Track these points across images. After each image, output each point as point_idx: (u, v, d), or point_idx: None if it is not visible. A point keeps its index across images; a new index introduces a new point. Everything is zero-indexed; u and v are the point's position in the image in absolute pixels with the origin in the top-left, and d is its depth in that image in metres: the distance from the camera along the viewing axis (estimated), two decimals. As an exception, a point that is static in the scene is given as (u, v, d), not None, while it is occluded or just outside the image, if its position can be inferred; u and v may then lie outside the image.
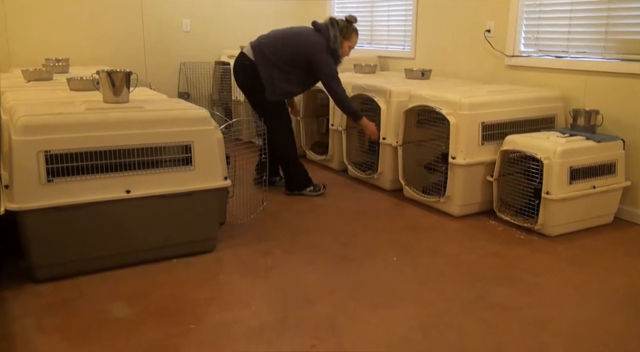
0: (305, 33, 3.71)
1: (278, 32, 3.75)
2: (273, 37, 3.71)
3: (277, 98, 3.71)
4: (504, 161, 3.38)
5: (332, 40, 3.67)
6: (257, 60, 3.65)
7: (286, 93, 3.76)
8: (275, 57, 3.63)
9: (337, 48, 3.70)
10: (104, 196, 2.54)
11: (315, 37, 3.68)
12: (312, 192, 3.91)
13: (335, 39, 3.68)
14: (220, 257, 2.87)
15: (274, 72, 3.64)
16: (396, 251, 2.99)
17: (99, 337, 2.13)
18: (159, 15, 5.67)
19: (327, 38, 3.67)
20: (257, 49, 3.67)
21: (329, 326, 2.23)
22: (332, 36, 3.67)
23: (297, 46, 3.66)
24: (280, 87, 3.69)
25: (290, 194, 3.91)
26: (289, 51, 3.64)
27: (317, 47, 3.64)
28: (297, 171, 3.89)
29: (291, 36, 3.70)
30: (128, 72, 2.84)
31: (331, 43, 3.67)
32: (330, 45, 3.67)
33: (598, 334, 2.21)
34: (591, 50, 3.67)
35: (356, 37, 3.82)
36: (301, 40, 3.67)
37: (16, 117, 2.45)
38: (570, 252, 3.01)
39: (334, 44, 3.68)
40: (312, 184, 3.93)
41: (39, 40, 5.13)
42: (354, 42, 3.82)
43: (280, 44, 3.66)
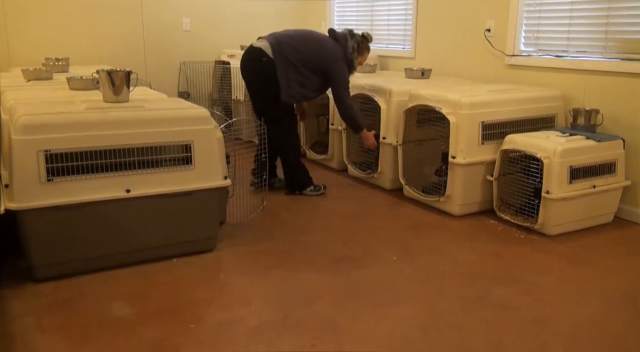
0: (325, 40, 3.71)
1: (296, 33, 3.71)
2: (293, 38, 3.66)
3: (289, 100, 3.67)
4: (504, 161, 3.38)
5: (350, 51, 3.70)
6: (277, 58, 3.58)
7: (300, 96, 3.71)
8: (295, 59, 3.59)
9: (354, 59, 3.74)
10: (103, 196, 2.54)
11: (334, 45, 3.69)
12: (313, 191, 3.90)
13: (353, 50, 3.71)
14: (220, 257, 2.87)
15: (291, 73, 3.60)
16: (396, 251, 2.99)
17: (99, 336, 2.13)
18: (159, 14, 5.67)
19: (344, 48, 3.69)
20: (276, 47, 3.60)
21: (329, 325, 2.24)
22: (350, 47, 3.70)
23: (316, 51, 3.64)
24: (295, 90, 3.64)
25: (290, 193, 3.90)
26: (309, 55, 3.62)
27: (335, 55, 3.66)
28: (298, 171, 3.87)
29: (312, 40, 3.69)
30: (128, 72, 2.84)
31: (348, 54, 3.70)
32: (348, 56, 3.70)
33: (598, 334, 2.21)
34: (591, 49, 3.67)
35: (367, 55, 3.86)
36: (321, 46, 3.66)
37: (16, 116, 2.45)
38: (570, 251, 3.01)
39: (351, 55, 3.71)
40: (312, 184, 3.92)
41: (39, 39, 5.13)
42: (365, 59, 3.87)
43: (301, 46, 3.63)
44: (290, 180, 3.89)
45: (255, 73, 3.68)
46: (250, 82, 3.75)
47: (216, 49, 6.00)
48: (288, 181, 3.90)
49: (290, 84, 3.61)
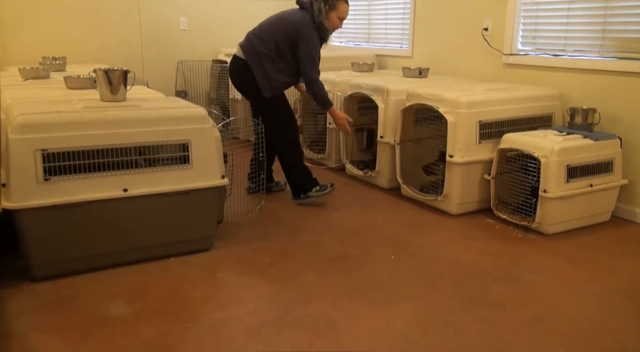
0: (288, 13, 3.52)
1: (265, 21, 3.57)
2: (258, 28, 3.54)
3: (274, 93, 3.51)
4: (502, 160, 3.39)
5: (316, 14, 3.44)
6: (249, 57, 3.47)
7: (282, 85, 3.55)
8: (264, 47, 3.44)
9: (323, 20, 3.45)
10: (101, 195, 2.54)
11: (299, 14, 3.47)
12: (319, 192, 3.66)
13: (320, 11, 3.44)
14: (217, 256, 2.87)
15: (266, 65, 3.45)
16: (394, 250, 2.99)
17: (96, 335, 2.13)
18: (156, 13, 5.66)
19: (311, 13, 3.45)
20: (246, 46, 3.50)
21: (327, 324, 2.24)
22: (315, 9, 3.44)
23: (281, 28, 3.44)
24: (276, 80, 3.48)
25: (297, 200, 3.68)
26: (275, 36, 3.44)
27: (300, 23, 3.42)
28: (302, 174, 3.66)
29: (275, 20, 3.51)
30: (125, 71, 2.84)
31: (315, 17, 3.44)
32: (315, 19, 3.44)
33: (595, 332, 2.21)
34: (588, 48, 3.67)
35: (345, 6, 3.54)
36: (285, 21, 3.47)
37: (13, 115, 2.44)
38: (567, 250, 3.02)
39: (318, 17, 3.44)
40: (317, 184, 3.70)
41: (36, 38, 5.12)
42: (343, 11, 3.54)
43: (266, 31, 3.48)
44: (293, 185, 3.69)
45: (236, 79, 3.62)
46: (237, 88, 3.69)
47: (213, 48, 5.99)
48: (292, 186, 3.70)
49: (270, 75, 3.46)
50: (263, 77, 3.46)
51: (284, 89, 3.63)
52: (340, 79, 4.40)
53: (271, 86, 3.49)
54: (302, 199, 3.66)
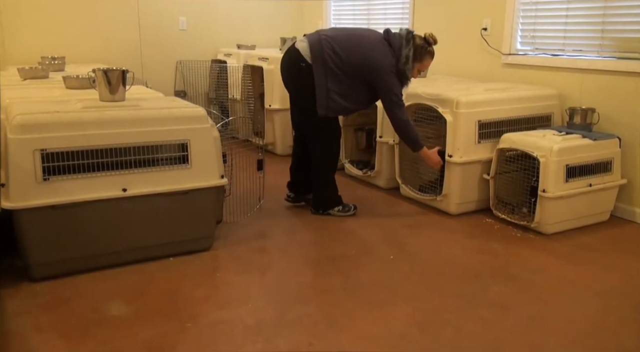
0: (375, 45, 3.16)
1: (343, 34, 3.20)
2: (337, 40, 3.15)
3: (328, 114, 3.21)
4: (501, 159, 3.39)
5: (403, 61, 3.16)
6: (315, 65, 3.13)
7: (341, 109, 3.24)
8: (336, 66, 3.12)
9: (407, 71, 3.19)
10: (100, 195, 2.54)
11: (383, 51, 3.14)
12: (341, 212, 3.46)
13: (407, 60, 3.16)
14: (217, 256, 2.87)
15: (331, 83, 3.13)
16: (393, 249, 2.99)
17: (95, 335, 2.12)
18: (155, 13, 5.66)
19: (397, 56, 3.16)
20: (317, 50, 3.14)
21: (326, 323, 2.24)
22: (403, 56, 3.15)
23: (362, 58, 3.13)
24: (335, 102, 3.18)
25: (315, 213, 3.51)
26: (353, 61, 3.13)
27: (382, 65, 3.12)
28: (331, 190, 3.48)
29: (358, 44, 3.16)
30: (124, 70, 2.84)
31: (400, 64, 3.16)
32: (400, 66, 3.16)
33: (594, 331, 2.21)
34: (587, 48, 3.68)
35: (430, 61, 3.30)
36: (368, 52, 3.14)
37: (12, 115, 2.44)
38: (566, 250, 3.02)
39: (404, 66, 3.16)
40: (341, 203, 3.49)
41: (35, 38, 5.12)
42: (426, 66, 3.32)
43: (345, 50, 3.13)
44: (317, 197, 3.49)
45: (292, 79, 3.30)
46: (288, 87, 3.37)
47: (212, 48, 5.99)
48: (315, 198, 3.50)
49: (330, 95, 3.15)
50: (323, 92, 3.16)
51: (342, 114, 3.38)
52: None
53: (327, 105, 3.19)
54: (320, 214, 3.50)
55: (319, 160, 3.41)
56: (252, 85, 5.26)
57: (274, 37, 6.20)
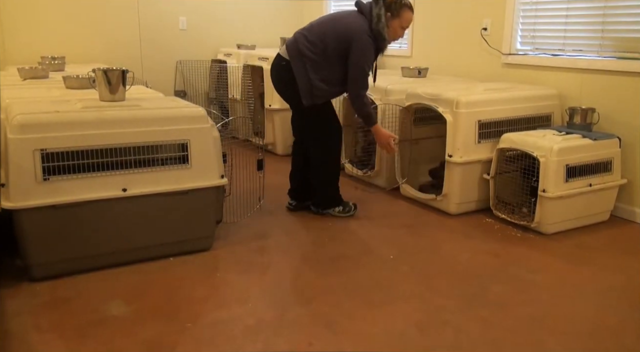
0: (344, 16, 3.15)
1: (315, 20, 3.22)
2: (308, 28, 3.18)
3: (315, 101, 3.17)
4: (501, 159, 3.39)
5: (375, 21, 3.05)
6: (292, 59, 3.13)
7: (325, 95, 3.19)
8: (310, 50, 3.09)
9: (381, 29, 3.06)
10: (100, 195, 2.54)
11: (356, 19, 3.09)
12: (342, 213, 3.43)
13: (379, 18, 3.05)
14: (217, 256, 2.87)
15: (310, 70, 3.11)
16: (393, 249, 2.99)
17: (95, 335, 2.12)
18: (155, 13, 5.66)
19: (369, 19, 3.07)
20: (291, 46, 3.16)
21: (326, 323, 2.24)
22: (374, 16, 3.05)
23: (332, 31, 3.08)
24: (319, 89, 3.13)
25: (316, 212, 3.48)
26: (324, 39, 3.08)
27: (355, 31, 3.04)
28: (333, 190, 3.44)
29: (327, 21, 3.16)
30: (124, 70, 2.84)
31: (373, 24, 3.05)
32: (373, 26, 3.06)
33: (594, 331, 2.21)
34: (587, 48, 3.68)
35: (410, 14, 3.16)
36: (337, 24, 3.10)
37: (12, 115, 2.44)
38: (566, 249, 3.02)
39: (377, 26, 3.05)
40: (341, 203, 3.45)
41: (35, 38, 5.12)
42: (407, 20, 3.16)
43: (316, 33, 3.11)
44: (318, 196, 3.45)
45: (277, 82, 3.30)
46: (278, 92, 3.36)
47: (212, 48, 5.99)
48: (316, 197, 3.45)
49: (313, 83, 3.12)
50: (305, 83, 3.13)
51: (328, 99, 3.27)
52: None
53: (312, 94, 3.16)
54: (320, 213, 3.48)
55: (318, 159, 3.36)
56: (252, 85, 5.26)
57: (274, 37, 6.20)
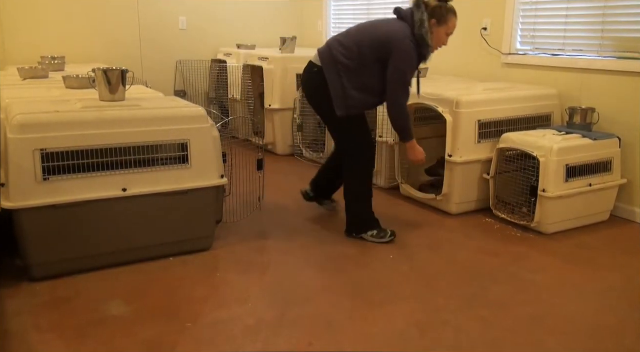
0: (383, 22, 2.96)
1: (353, 28, 3.01)
2: (344, 34, 2.99)
3: (349, 112, 2.94)
4: (501, 159, 3.39)
5: (418, 26, 2.84)
6: (325, 65, 2.93)
7: (361, 105, 2.96)
8: (345, 56, 2.89)
9: (425, 34, 2.85)
10: (100, 195, 2.54)
11: (397, 25, 2.89)
12: (375, 238, 3.07)
13: (422, 22, 2.85)
14: (217, 256, 2.87)
15: (345, 78, 2.90)
16: (393, 249, 2.99)
17: (95, 335, 2.12)
18: (155, 13, 5.65)
19: (411, 25, 2.86)
20: (324, 52, 2.97)
21: (326, 323, 2.24)
22: (417, 21, 2.85)
23: (371, 37, 2.88)
24: (354, 99, 2.91)
25: (349, 236, 3.14)
26: (362, 45, 2.88)
27: (397, 36, 2.83)
28: (364, 209, 3.12)
29: (366, 28, 2.95)
30: (124, 70, 2.84)
31: (416, 29, 2.85)
32: (416, 31, 2.85)
33: (594, 331, 2.21)
34: (587, 48, 3.68)
35: (455, 20, 2.96)
36: (377, 30, 2.90)
37: (12, 115, 2.44)
38: (566, 249, 3.02)
39: (420, 30, 2.84)
40: (377, 227, 3.10)
41: (35, 38, 5.12)
42: (453, 26, 2.97)
43: (353, 39, 2.91)
44: (351, 217, 3.13)
45: (308, 90, 3.10)
46: (310, 102, 3.16)
47: (212, 48, 5.99)
48: (349, 219, 3.14)
49: (347, 92, 2.90)
50: (339, 91, 2.91)
51: (363, 110, 3.03)
52: None
53: (347, 105, 2.93)
54: (354, 238, 3.14)
55: (350, 175, 3.11)
56: (252, 85, 5.27)
57: (274, 37, 6.20)
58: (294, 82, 4.91)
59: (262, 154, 3.52)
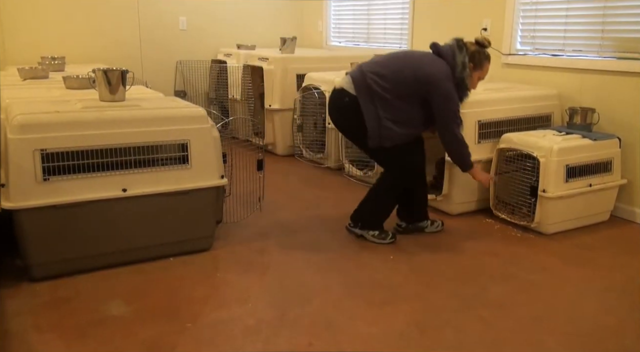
0: (423, 58, 2.92)
1: (387, 57, 2.97)
2: (381, 63, 2.92)
3: (382, 144, 2.90)
4: (501, 159, 3.39)
5: (459, 68, 2.86)
6: (360, 94, 2.87)
7: (396, 137, 2.89)
8: (381, 87, 2.83)
9: (465, 77, 2.88)
10: (100, 195, 2.54)
11: (436, 61, 2.88)
12: (376, 238, 3.08)
13: (464, 66, 2.87)
14: (217, 256, 2.87)
15: (381, 110, 2.84)
16: (393, 249, 2.99)
17: (95, 335, 2.13)
18: (155, 13, 5.66)
19: (452, 65, 2.87)
20: (359, 80, 2.89)
21: (326, 323, 2.24)
22: (459, 63, 2.86)
23: (412, 76, 2.84)
24: (389, 129, 2.86)
25: (349, 228, 3.15)
26: (401, 80, 2.84)
27: (438, 75, 2.83)
28: (377, 212, 3.10)
29: (404, 62, 2.91)
30: (124, 71, 2.84)
31: (457, 71, 2.86)
32: (457, 73, 2.87)
33: (594, 331, 2.21)
34: (587, 48, 3.68)
35: (489, 65, 3.00)
36: (418, 69, 2.85)
37: (12, 115, 2.44)
38: (566, 250, 3.02)
39: (461, 73, 2.87)
40: (379, 228, 3.11)
41: (35, 38, 5.12)
42: (486, 72, 3.01)
43: (391, 71, 2.86)
44: (362, 211, 3.11)
45: (340, 119, 3.04)
46: (341, 130, 3.15)
47: (213, 48, 5.99)
48: (360, 211, 3.12)
49: (383, 123, 2.85)
50: (374, 121, 2.86)
51: (396, 142, 2.92)
52: (340, 79, 4.38)
53: (380, 135, 2.88)
54: (352, 229, 3.14)
55: (387, 181, 3.06)
56: (252, 86, 5.27)
57: (274, 37, 6.20)
58: (294, 82, 4.92)
59: (262, 154, 3.52)
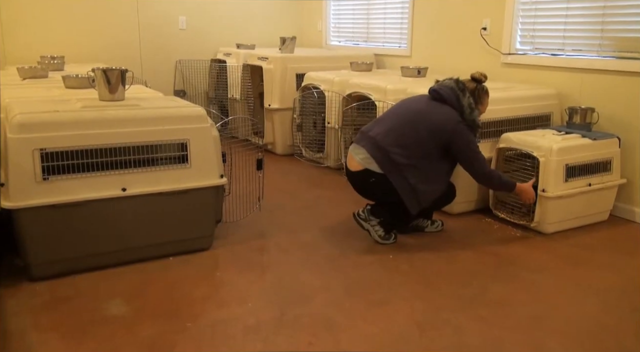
0: (428, 109, 2.95)
1: (390, 123, 2.98)
2: (396, 131, 2.92)
3: (423, 206, 2.98)
4: (500, 159, 3.39)
5: (468, 112, 2.91)
6: (386, 169, 2.88)
7: (432, 193, 2.96)
8: (406, 157, 2.87)
9: (475, 117, 2.93)
10: (99, 194, 2.54)
11: (445, 111, 2.91)
12: (380, 237, 3.08)
13: (472, 108, 2.92)
14: (216, 255, 2.87)
15: (411, 176, 2.87)
16: (392, 249, 2.99)
17: (95, 335, 2.12)
18: (154, 12, 5.65)
19: (459, 110, 2.92)
20: (381, 157, 2.90)
21: (326, 323, 2.24)
22: (466, 107, 2.91)
23: (425, 130, 2.87)
24: (424, 193, 2.92)
25: (357, 217, 3.12)
26: (421, 140, 2.87)
27: (450, 123, 2.87)
28: (398, 217, 3.05)
29: (411, 119, 2.93)
30: (124, 70, 2.84)
31: (466, 114, 2.91)
32: (466, 116, 2.91)
33: (594, 331, 2.22)
34: (587, 48, 3.68)
35: (487, 99, 3.08)
36: (428, 122, 2.89)
37: (11, 115, 2.44)
38: (566, 249, 3.02)
39: (471, 116, 2.91)
40: (388, 232, 3.10)
41: (34, 37, 5.11)
42: (486, 105, 3.09)
43: (409, 136, 2.89)
44: (381, 208, 3.08)
45: (370, 196, 3.11)
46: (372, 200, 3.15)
47: (212, 48, 5.99)
48: (377, 206, 3.10)
49: (417, 188, 2.89)
50: (408, 191, 2.90)
51: (436, 197, 3.01)
52: (339, 78, 4.40)
53: (419, 200, 2.93)
54: (360, 220, 3.11)
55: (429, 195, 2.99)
56: (251, 85, 5.26)
57: (274, 36, 6.20)
58: (293, 81, 4.92)
59: (262, 153, 3.52)
